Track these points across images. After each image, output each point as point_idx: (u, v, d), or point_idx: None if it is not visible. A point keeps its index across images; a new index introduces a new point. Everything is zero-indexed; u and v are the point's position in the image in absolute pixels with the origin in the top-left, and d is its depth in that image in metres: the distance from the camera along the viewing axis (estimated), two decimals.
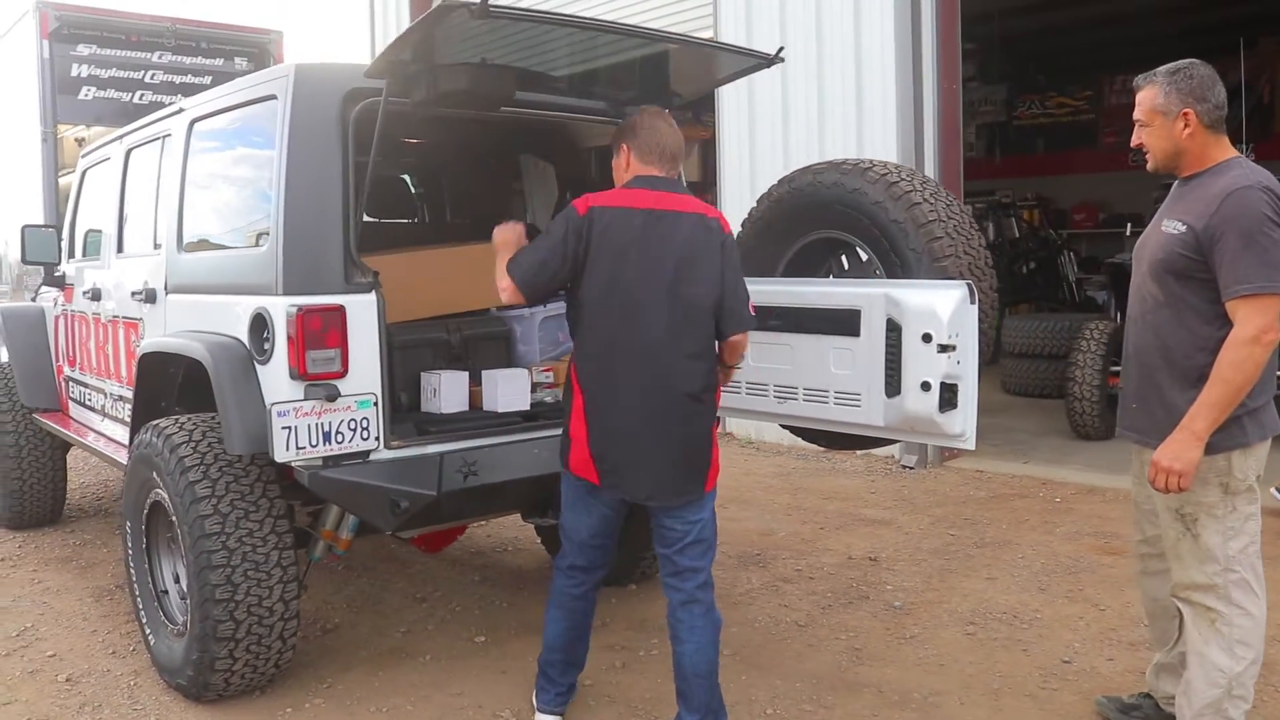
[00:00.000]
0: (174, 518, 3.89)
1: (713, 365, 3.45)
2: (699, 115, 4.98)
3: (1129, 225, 11.37)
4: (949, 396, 3.55)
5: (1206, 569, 3.14)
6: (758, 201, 4.37)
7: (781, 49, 4.10)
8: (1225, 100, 3.07)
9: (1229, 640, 3.13)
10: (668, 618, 3.51)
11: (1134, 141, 3.23)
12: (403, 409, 4.18)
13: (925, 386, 3.56)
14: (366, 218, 4.60)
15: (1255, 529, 3.16)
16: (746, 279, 3.49)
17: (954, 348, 3.53)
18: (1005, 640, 4.56)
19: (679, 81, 4.26)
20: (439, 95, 3.61)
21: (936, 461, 7.97)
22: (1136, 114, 3.20)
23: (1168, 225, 3.13)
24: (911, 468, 7.89)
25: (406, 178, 5.96)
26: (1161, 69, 3.15)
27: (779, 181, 4.27)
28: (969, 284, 3.57)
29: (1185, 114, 3.07)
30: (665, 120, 3.53)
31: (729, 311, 3.41)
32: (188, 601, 3.90)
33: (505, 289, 3.40)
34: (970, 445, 3.63)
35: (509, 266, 3.40)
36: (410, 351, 4.23)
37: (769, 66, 4.03)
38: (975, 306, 3.56)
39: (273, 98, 3.77)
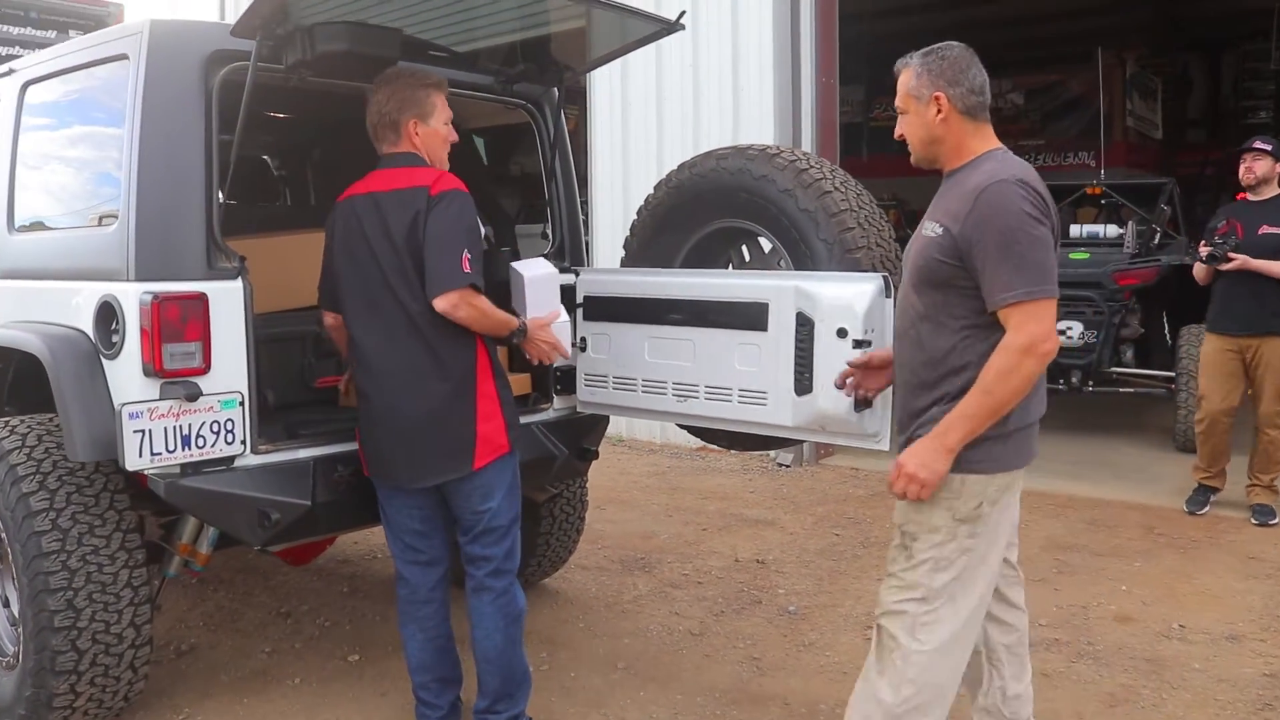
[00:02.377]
0: (3, 535, 3.42)
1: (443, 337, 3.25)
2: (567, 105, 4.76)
3: None
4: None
5: (905, 594, 2.73)
6: (655, 188, 4.13)
7: (684, 13, 3.87)
8: (984, 85, 2.75)
9: (899, 677, 2.72)
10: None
11: (896, 132, 2.93)
12: (270, 409, 3.80)
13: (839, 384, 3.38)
14: (231, 200, 4.18)
15: (972, 565, 2.70)
16: (644, 269, 3.27)
17: (869, 344, 3.36)
18: None
19: (572, 52, 3.98)
20: (315, 58, 3.25)
21: (812, 459, 7.91)
22: (896, 101, 2.91)
23: (927, 228, 2.78)
24: (788, 465, 7.80)
25: (272, 157, 5.51)
26: (918, 52, 2.85)
27: (679, 167, 4.04)
28: (884, 276, 3.40)
29: (937, 98, 2.74)
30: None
31: (429, 272, 3.18)
32: (19, 630, 3.43)
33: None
34: (884, 446, 3.47)
35: None
36: (279, 345, 3.86)
37: (670, 33, 3.79)
38: (890, 300, 3.40)
39: (123, 57, 3.34)
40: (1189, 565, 5.41)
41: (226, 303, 3.26)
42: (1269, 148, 6.17)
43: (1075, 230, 8.96)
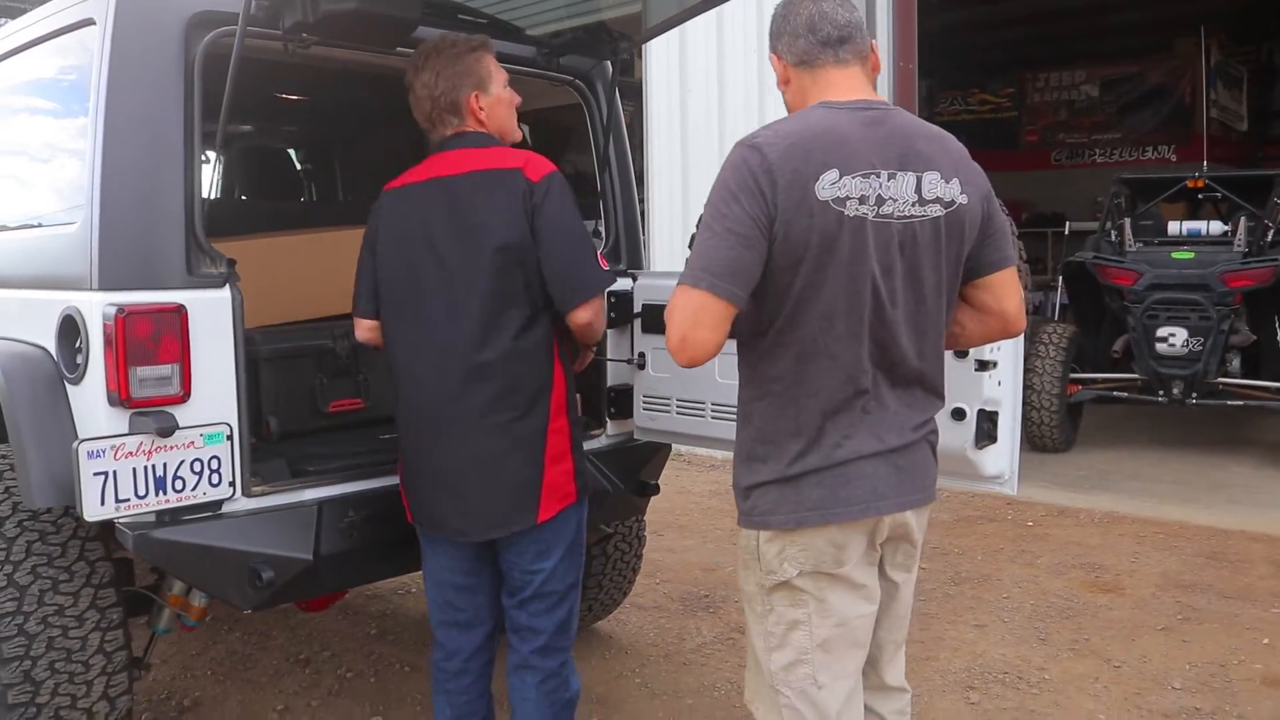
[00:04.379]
0: None
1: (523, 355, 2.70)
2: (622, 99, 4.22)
3: (1067, 224, 10.86)
4: (988, 428, 2.74)
5: (757, 675, 2.24)
6: None
7: None
8: (816, 19, 2.11)
9: None
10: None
11: None
12: (273, 439, 3.25)
13: (958, 414, 2.74)
14: (242, 195, 3.64)
15: (807, 646, 2.14)
16: None
17: (994, 364, 2.72)
18: (1015, 711, 3.79)
19: (627, 19, 3.37)
20: (320, 19, 2.68)
21: None
22: None
23: None
24: None
25: (282, 145, 4.96)
26: None
27: None
28: None
29: (773, 59, 2.21)
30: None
31: (564, 276, 2.66)
32: None
33: None
34: (1011, 490, 2.84)
35: None
36: (285, 364, 3.29)
37: None
38: None
39: (89, 23, 2.78)
40: None
41: (211, 316, 2.69)
42: None
43: (1174, 227, 8.19)
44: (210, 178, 4.54)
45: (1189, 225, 8.21)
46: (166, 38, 2.69)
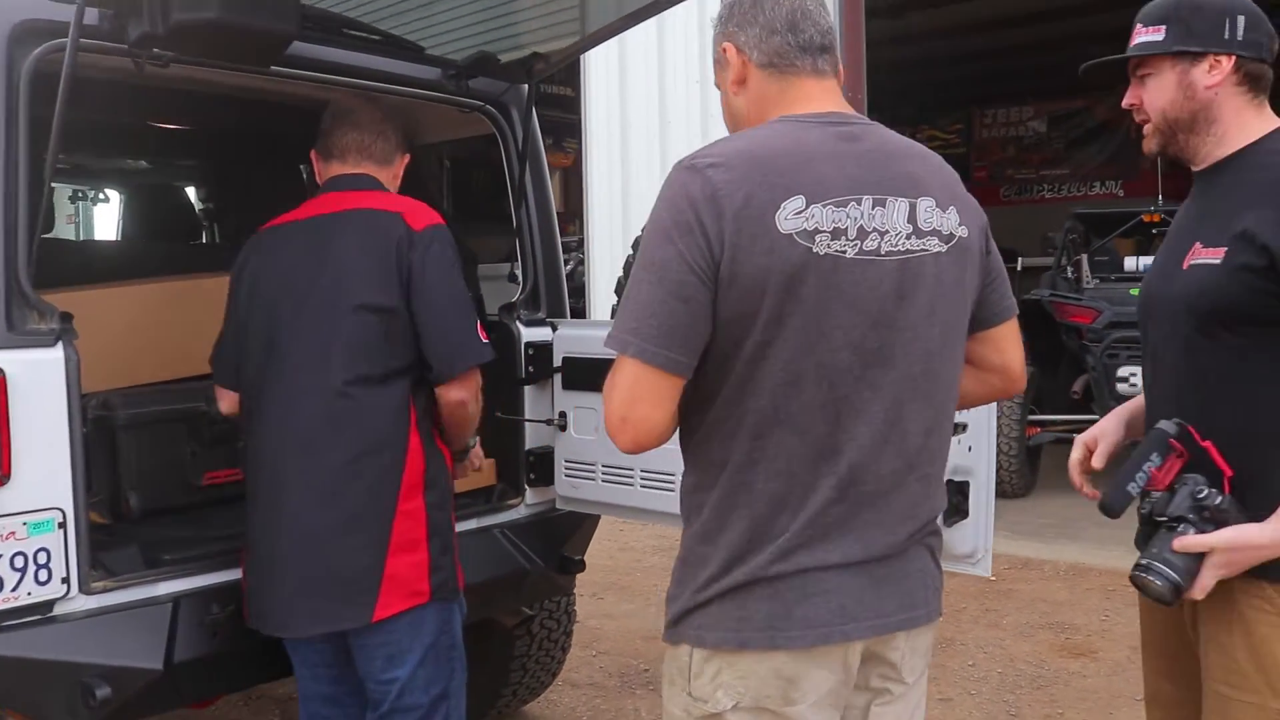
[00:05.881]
0: None
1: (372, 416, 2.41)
2: (559, 141, 3.87)
3: (1019, 260, 10.64)
4: (958, 501, 2.38)
5: None
6: None
7: None
8: (799, 21, 1.69)
9: None
10: None
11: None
12: (135, 518, 2.80)
13: None
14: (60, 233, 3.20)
15: None
16: None
17: (964, 427, 2.37)
18: None
19: (541, 33, 2.99)
20: (171, 31, 2.27)
21: None
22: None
23: None
24: None
25: (165, 180, 4.52)
26: None
27: None
28: None
29: (728, 49, 1.76)
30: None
31: (439, 342, 2.42)
32: None
33: None
34: (984, 571, 2.47)
35: None
36: (145, 431, 2.84)
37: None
38: None
39: None
40: None
41: (37, 380, 2.25)
42: None
43: (1131, 263, 7.97)
44: (88, 217, 4.09)
45: (1145, 261, 7.98)
46: None
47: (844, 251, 1.57)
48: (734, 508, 1.62)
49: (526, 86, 3.17)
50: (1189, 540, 1.72)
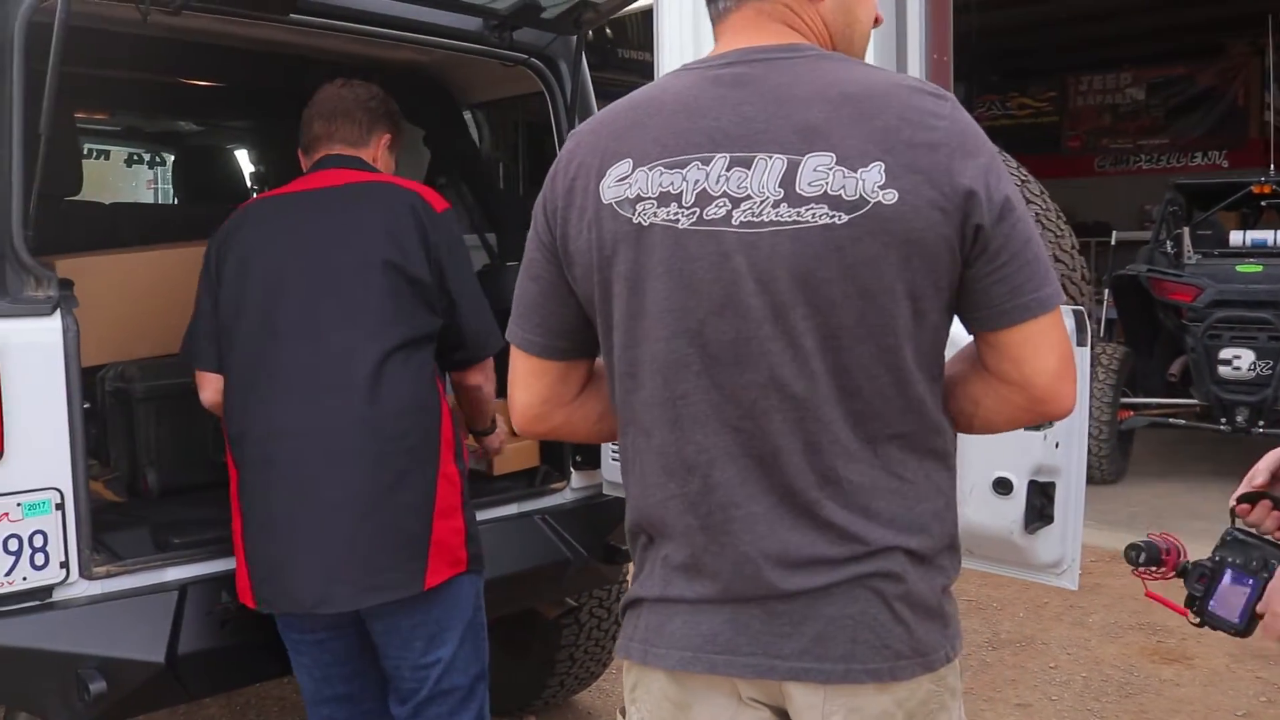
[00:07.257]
0: None
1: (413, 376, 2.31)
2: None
3: (1114, 234, 10.15)
4: (1041, 505, 2.10)
5: None
6: None
7: None
8: None
9: None
10: None
11: None
12: (153, 496, 2.66)
13: (1002, 487, 2.10)
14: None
15: None
16: None
17: (1049, 421, 2.08)
18: None
19: None
20: None
21: None
22: None
23: None
24: None
25: (162, 144, 4.37)
26: None
27: None
28: (1077, 310, 2.11)
29: None
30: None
31: (473, 328, 2.42)
32: None
33: None
34: (1071, 584, 2.20)
35: None
36: (165, 405, 2.69)
37: None
38: (1087, 349, 2.12)
39: None
40: None
41: (33, 352, 2.10)
42: None
43: (1237, 238, 7.48)
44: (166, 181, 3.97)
45: (1253, 235, 7.50)
46: None
47: (675, 221, 1.31)
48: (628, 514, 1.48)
49: (575, 38, 2.94)
50: None
